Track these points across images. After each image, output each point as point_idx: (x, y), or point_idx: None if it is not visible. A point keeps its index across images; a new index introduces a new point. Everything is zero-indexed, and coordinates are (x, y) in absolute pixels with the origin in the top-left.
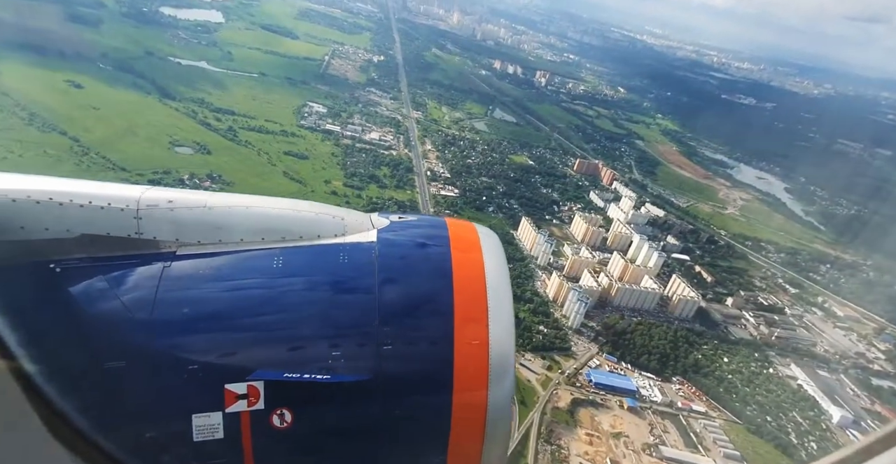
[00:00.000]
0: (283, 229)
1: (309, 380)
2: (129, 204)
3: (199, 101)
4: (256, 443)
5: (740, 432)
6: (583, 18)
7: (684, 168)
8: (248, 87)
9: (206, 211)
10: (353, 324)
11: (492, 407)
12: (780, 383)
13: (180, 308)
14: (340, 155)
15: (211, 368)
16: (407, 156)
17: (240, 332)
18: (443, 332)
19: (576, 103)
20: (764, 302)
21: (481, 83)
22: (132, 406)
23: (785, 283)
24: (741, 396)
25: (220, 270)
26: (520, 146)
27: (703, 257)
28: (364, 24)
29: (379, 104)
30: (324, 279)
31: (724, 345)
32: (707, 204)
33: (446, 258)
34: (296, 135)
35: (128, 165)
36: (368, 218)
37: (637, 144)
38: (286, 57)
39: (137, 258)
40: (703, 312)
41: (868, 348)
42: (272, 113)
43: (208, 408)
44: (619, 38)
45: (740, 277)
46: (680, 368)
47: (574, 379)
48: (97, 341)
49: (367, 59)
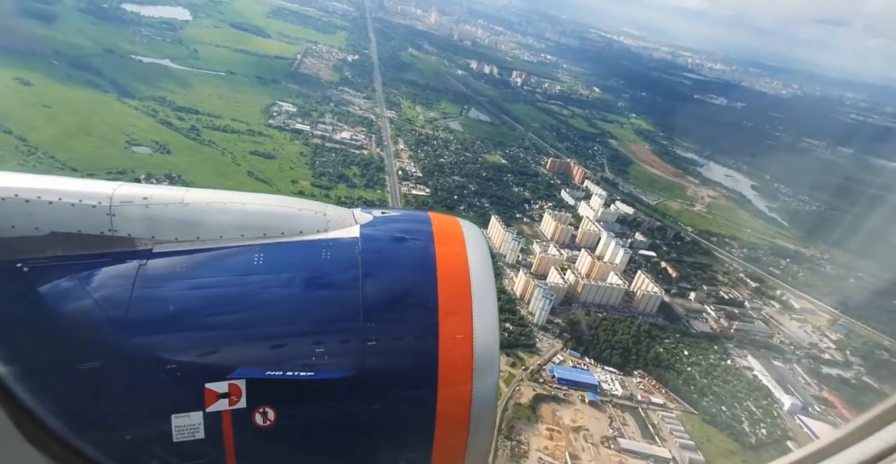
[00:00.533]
0: (263, 225)
1: (292, 377)
2: (102, 201)
3: (161, 99)
4: (239, 442)
5: (696, 423)
6: (561, 19)
7: (655, 167)
8: (215, 86)
9: (183, 207)
10: (337, 320)
11: (476, 401)
12: (737, 374)
13: (157, 307)
14: (309, 154)
15: (190, 367)
16: (379, 155)
17: (220, 330)
18: (427, 327)
19: (551, 103)
20: (725, 296)
21: (457, 83)
22: (108, 408)
23: (746, 277)
24: (699, 387)
25: (199, 268)
26: (493, 145)
27: (669, 253)
28: (339, 24)
29: (352, 103)
30: (306, 276)
31: (686, 338)
32: (676, 201)
33: (430, 253)
34: (263, 134)
35: (78, 165)
36: (351, 213)
37: (610, 144)
38: (256, 55)
39: (111, 256)
40: (667, 306)
41: (821, 338)
42: (239, 112)
43: (188, 408)
44: (597, 39)
45: (704, 273)
46: (641, 361)
47: (537, 375)
48: (70, 342)
49: (341, 58)
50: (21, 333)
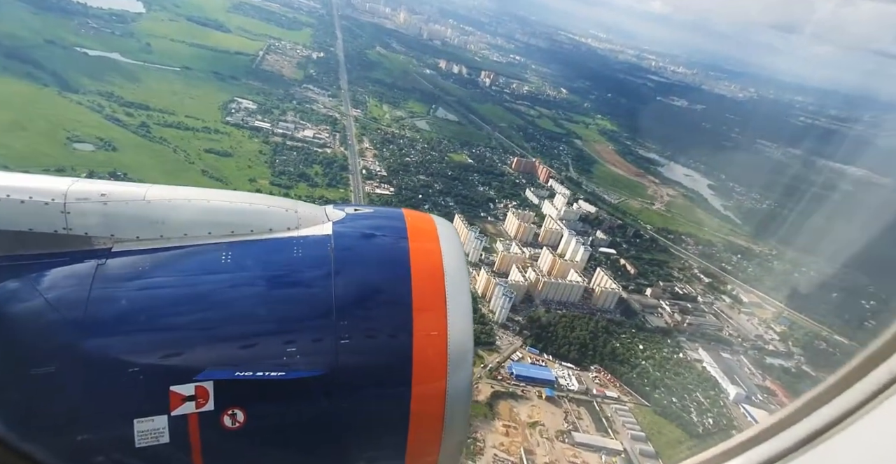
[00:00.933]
0: (231, 223)
1: (263, 378)
2: (55, 197)
3: (108, 94)
4: (206, 445)
5: (648, 414)
6: (531, 21)
7: (618, 166)
8: (169, 82)
9: (145, 204)
10: (309, 319)
11: (450, 397)
12: (688, 367)
13: (118, 308)
14: (269, 153)
15: (154, 370)
16: (342, 154)
17: (186, 331)
18: (401, 324)
19: (519, 103)
20: (680, 292)
21: (425, 82)
22: (65, 413)
23: (700, 273)
24: (651, 380)
25: (163, 267)
26: (460, 145)
27: (628, 251)
28: (304, 20)
29: (316, 102)
30: (277, 274)
31: (641, 333)
32: (637, 200)
33: (404, 250)
34: (220, 132)
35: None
36: (323, 210)
37: (576, 144)
38: (214, 51)
39: (67, 256)
40: (625, 302)
41: (766, 330)
42: (194, 109)
43: (152, 412)
44: (565, 41)
45: (661, 269)
46: (598, 357)
47: (496, 373)
48: (22, 346)
49: (306, 55)
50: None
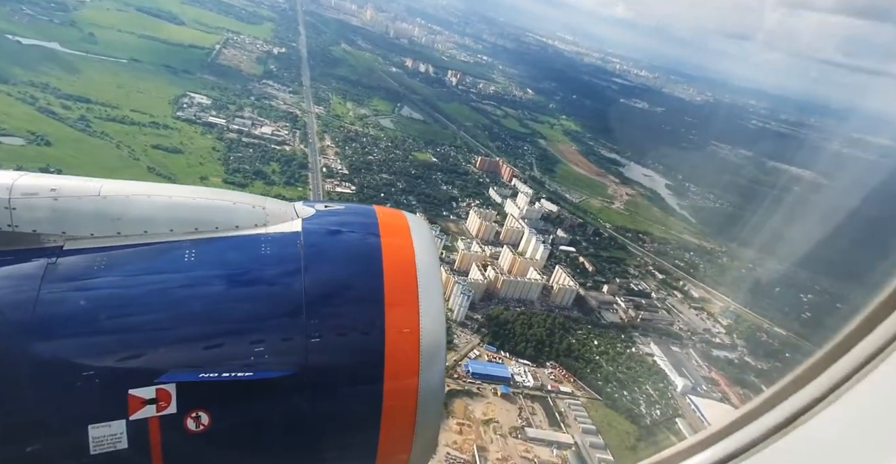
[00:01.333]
0: (194, 220)
1: (228, 379)
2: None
3: (43, 86)
4: (167, 449)
5: (600, 408)
6: (499, 22)
7: (581, 166)
8: (114, 74)
9: (100, 200)
10: (278, 317)
11: (423, 393)
12: (639, 360)
13: (70, 308)
14: (223, 150)
15: (110, 373)
16: (302, 151)
17: (146, 332)
18: (373, 321)
19: (485, 103)
20: (635, 288)
21: (391, 80)
22: (11, 421)
23: (654, 270)
24: (604, 374)
25: (120, 265)
26: (425, 144)
27: (587, 249)
28: (265, 15)
29: (275, 98)
30: (244, 272)
31: (597, 329)
32: (597, 199)
33: (375, 246)
34: (169, 127)
35: None
36: (292, 207)
37: (540, 143)
38: (167, 43)
39: (12, 254)
40: (582, 299)
41: (714, 324)
42: (142, 103)
43: (108, 417)
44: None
45: (618, 266)
46: (554, 353)
47: (452, 371)
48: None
49: (266, 50)
50: None
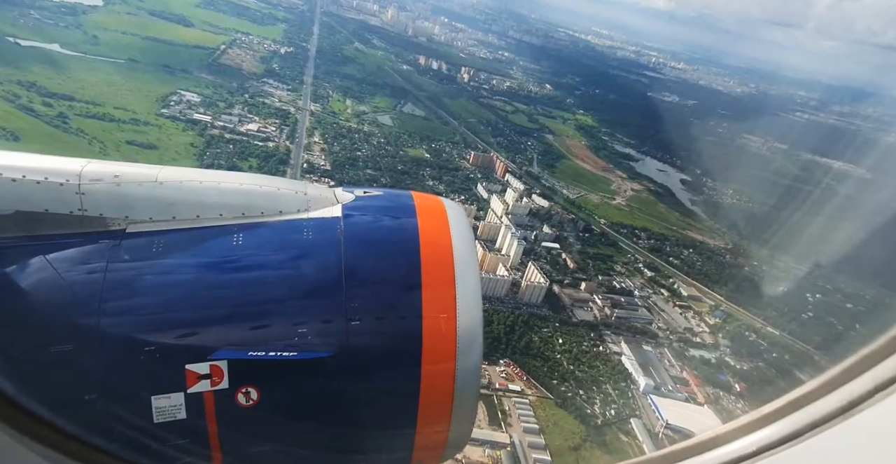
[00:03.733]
0: (242, 205)
1: (275, 358)
2: (70, 178)
3: (29, 84)
4: (221, 422)
5: (549, 407)
6: (530, 19)
7: (586, 161)
8: (107, 73)
9: (157, 186)
10: (319, 300)
11: (460, 377)
12: (605, 359)
13: (133, 288)
14: (201, 146)
15: (169, 349)
16: (286, 147)
17: (200, 312)
18: (411, 306)
19: (496, 99)
20: (617, 286)
21: (399, 78)
22: (85, 390)
23: (644, 267)
24: (562, 373)
25: (176, 248)
26: (420, 140)
27: (573, 245)
28: (280, 16)
29: (271, 95)
30: (287, 256)
31: (564, 327)
32: (597, 195)
33: (413, 231)
34: (150, 124)
35: None
36: (333, 193)
37: (546, 139)
38: (170, 44)
39: (82, 236)
40: (555, 296)
41: (698, 323)
42: (128, 101)
43: (169, 389)
44: (563, 38)
45: (603, 263)
46: (510, 350)
47: None
48: (41, 325)
49: (273, 50)
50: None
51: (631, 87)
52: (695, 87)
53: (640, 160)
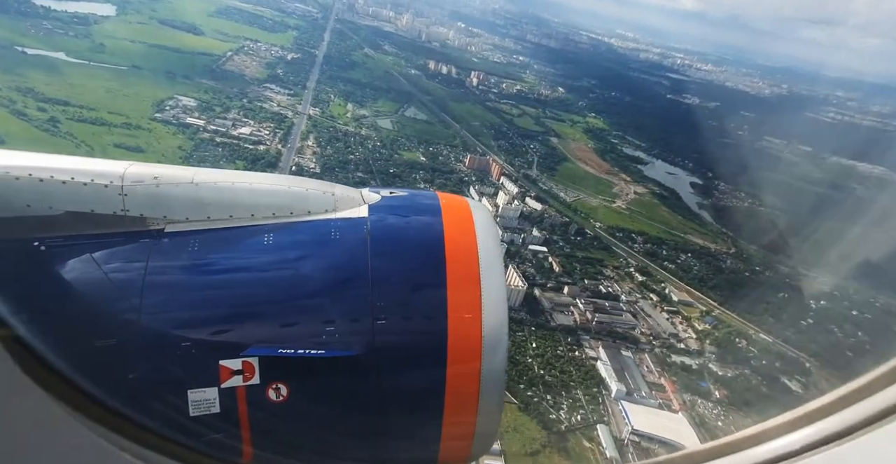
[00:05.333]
0: (272, 205)
1: (303, 355)
2: (113, 180)
3: (27, 90)
4: (253, 416)
5: (511, 412)
6: (552, 23)
7: (590, 164)
8: (107, 80)
9: (193, 187)
10: (346, 300)
11: (485, 378)
12: (579, 364)
13: (171, 286)
14: (189, 149)
15: (204, 344)
16: (277, 151)
17: (232, 309)
18: (436, 306)
19: (503, 103)
20: (603, 290)
21: (405, 82)
22: (126, 383)
23: (636, 271)
24: (530, 377)
25: (210, 247)
26: (418, 143)
27: (562, 249)
28: (293, 23)
29: (270, 100)
30: (315, 255)
31: (541, 331)
32: (597, 198)
33: (438, 232)
34: (141, 128)
35: None
36: (359, 193)
37: (550, 142)
38: (177, 51)
39: (124, 236)
40: (535, 300)
41: (686, 329)
42: (123, 105)
43: (203, 384)
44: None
45: (592, 267)
46: None
47: None
48: (87, 319)
49: (279, 56)
50: (40, 311)
51: (650, 90)
52: (719, 88)
53: (650, 163)
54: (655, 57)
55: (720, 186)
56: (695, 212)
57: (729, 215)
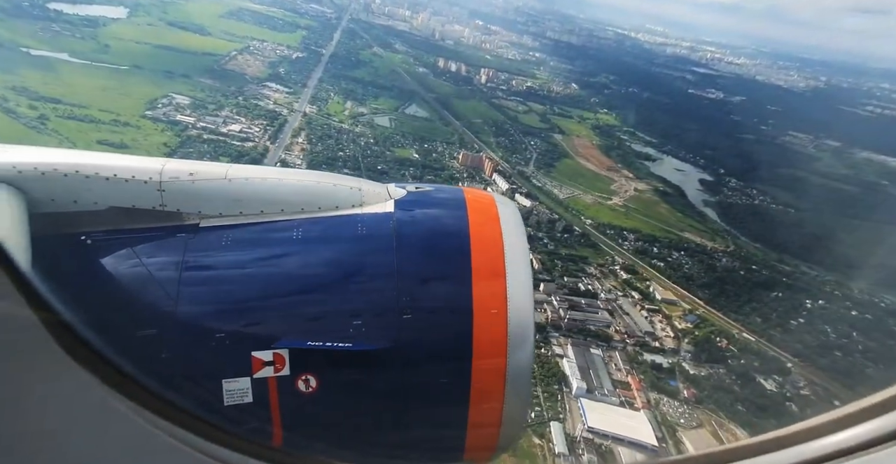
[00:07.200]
0: (301, 201)
1: (331, 348)
2: (152, 176)
3: (21, 89)
4: (283, 407)
5: None
6: (578, 19)
7: (592, 161)
8: (105, 79)
9: (226, 183)
10: (373, 294)
11: (511, 374)
12: (543, 362)
13: (206, 279)
14: (174, 146)
15: (238, 336)
16: (265, 148)
17: (264, 302)
18: (461, 301)
19: (510, 100)
20: (582, 287)
21: (411, 80)
22: (166, 372)
23: (621, 269)
24: None
25: (243, 242)
26: (414, 140)
27: (546, 245)
28: (303, 23)
29: (267, 98)
30: (343, 250)
31: None
32: (593, 195)
33: (464, 227)
34: (129, 125)
35: None
36: (385, 188)
37: (553, 138)
38: (181, 52)
39: (162, 230)
40: None
41: (664, 328)
42: (116, 104)
43: (237, 374)
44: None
45: (575, 264)
46: None
47: None
48: (130, 311)
49: (284, 55)
50: (86, 299)
51: (671, 85)
52: (748, 82)
53: (659, 160)
54: (684, 51)
55: (731, 183)
56: (698, 209)
57: (735, 213)
